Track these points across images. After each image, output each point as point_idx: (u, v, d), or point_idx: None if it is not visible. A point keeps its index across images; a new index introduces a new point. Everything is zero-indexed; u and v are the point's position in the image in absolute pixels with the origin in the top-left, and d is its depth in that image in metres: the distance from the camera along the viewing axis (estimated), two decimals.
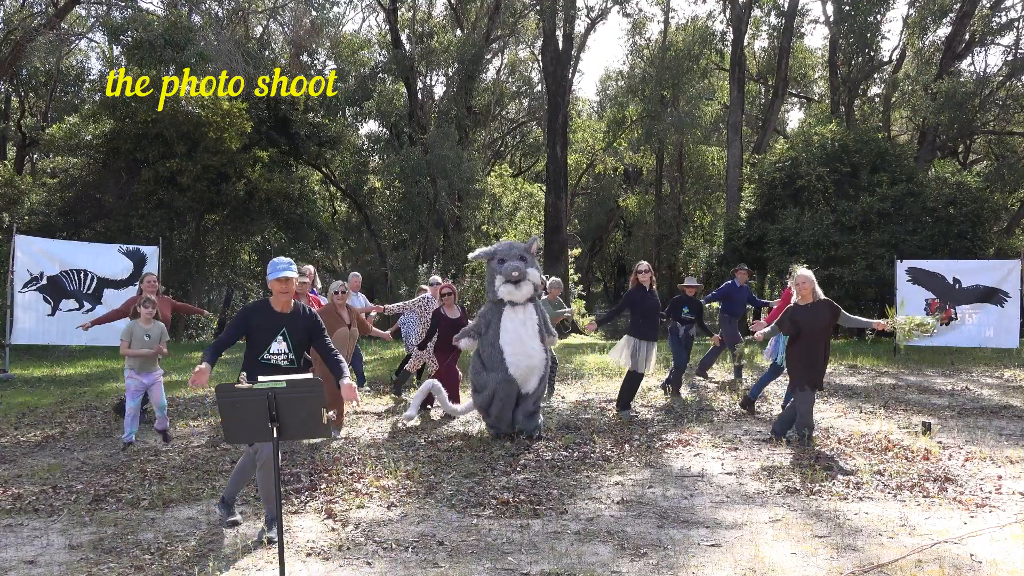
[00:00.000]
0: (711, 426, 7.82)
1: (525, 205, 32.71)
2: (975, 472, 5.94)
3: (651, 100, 28.64)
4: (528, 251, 7.39)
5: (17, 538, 4.67)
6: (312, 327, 4.79)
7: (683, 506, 5.18)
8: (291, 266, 4.72)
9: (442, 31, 30.47)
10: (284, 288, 4.66)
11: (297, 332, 4.72)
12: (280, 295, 4.68)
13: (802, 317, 6.78)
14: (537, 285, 7.29)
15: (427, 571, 4.07)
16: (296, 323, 4.72)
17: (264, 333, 4.68)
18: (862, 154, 19.42)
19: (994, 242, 19.84)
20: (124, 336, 7.24)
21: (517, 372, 7.14)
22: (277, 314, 4.71)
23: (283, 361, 4.69)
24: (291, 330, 4.70)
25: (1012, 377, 11.11)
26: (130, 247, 13.14)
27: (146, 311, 7.29)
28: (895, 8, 77.82)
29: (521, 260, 7.22)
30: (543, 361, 7.28)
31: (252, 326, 4.71)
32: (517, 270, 7.08)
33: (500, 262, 7.26)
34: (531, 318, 7.25)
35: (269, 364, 4.67)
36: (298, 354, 4.74)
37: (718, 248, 23.87)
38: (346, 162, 27.80)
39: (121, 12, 19.17)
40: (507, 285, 7.13)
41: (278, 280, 4.64)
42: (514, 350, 7.15)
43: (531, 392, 7.27)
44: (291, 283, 4.67)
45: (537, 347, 7.23)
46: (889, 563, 4.09)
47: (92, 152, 20.36)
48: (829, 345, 6.94)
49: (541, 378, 7.32)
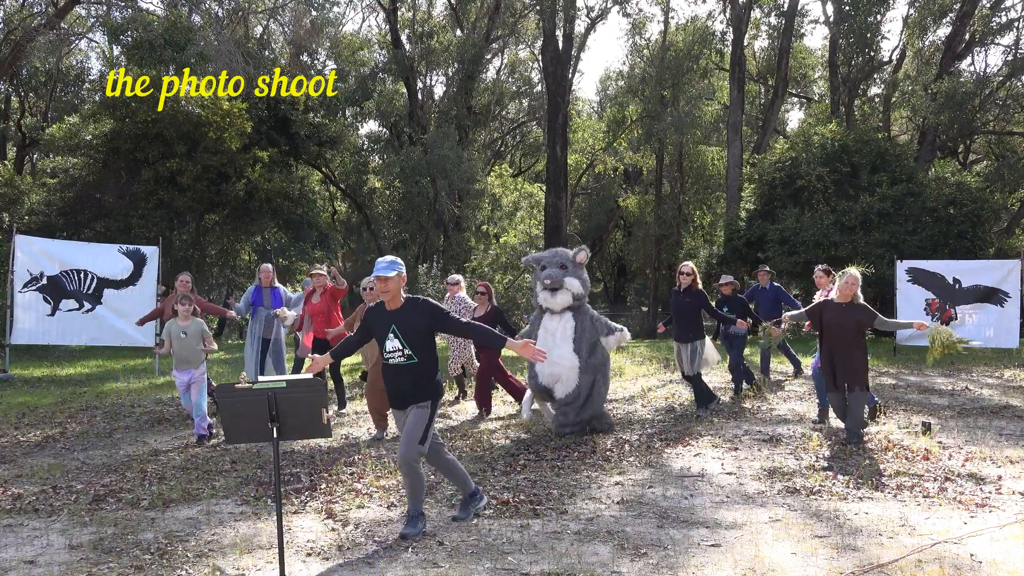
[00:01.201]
0: (711, 426, 7.82)
1: (525, 205, 32.72)
2: (975, 472, 5.94)
3: (651, 100, 28.63)
4: (572, 260, 7.40)
5: (17, 538, 4.67)
6: (431, 316, 4.69)
7: (683, 506, 5.18)
8: (392, 265, 4.64)
9: (442, 31, 30.47)
10: (384, 287, 4.64)
11: (408, 326, 4.65)
12: (383, 294, 4.68)
13: (828, 313, 6.80)
14: (576, 294, 7.30)
15: (427, 571, 4.07)
16: (406, 318, 4.67)
17: (380, 333, 4.71)
18: (862, 154, 19.42)
19: (994, 242, 19.84)
20: (164, 335, 7.49)
21: (543, 378, 7.33)
22: (387, 312, 4.72)
23: (399, 358, 4.65)
24: (401, 326, 4.65)
25: (1012, 377, 11.11)
26: (130, 247, 13.14)
27: (183, 308, 7.44)
28: (895, 8, 77.80)
29: (561, 268, 7.27)
30: (572, 369, 7.24)
31: (372, 327, 4.79)
32: (550, 278, 7.19)
33: (541, 269, 7.36)
34: (564, 326, 7.29)
35: (389, 364, 4.70)
36: (416, 349, 4.65)
37: (718, 248, 23.86)
38: (346, 162, 27.80)
39: (121, 12, 19.17)
40: (544, 292, 7.27)
41: (377, 279, 4.65)
42: None
43: (561, 399, 7.32)
44: (389, 282, 4.61)
45: (565, 355, 7.23)
46: (889, 563, 4.09)
47: (92, 152, 20.36)
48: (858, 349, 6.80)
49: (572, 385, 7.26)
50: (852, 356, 6.77)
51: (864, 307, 6.80)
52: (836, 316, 6.75)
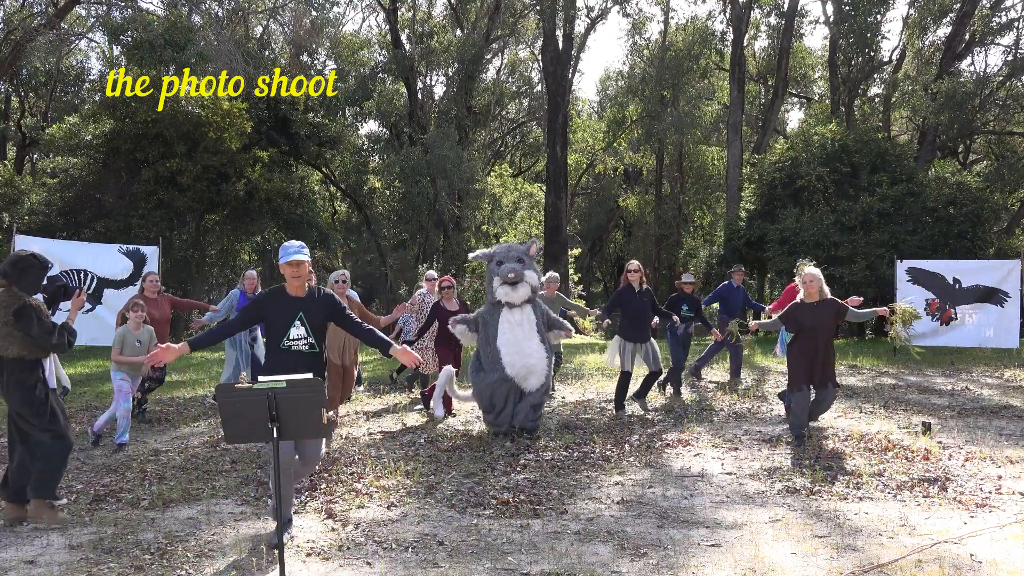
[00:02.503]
0: (711, 426, 7.82)
1: (525, 205, 32.72)
2: (975, 472, 5.94)
3: (651, 100, 28.64)
4: (527, 253, 7.43)
5: (17, 538, 4.67)
6: (331, 308, 4.73)
7: (683, 506, 5.18)
8: (302, 249, 4.64)
9: (442, 31, 30.46)
10: (296, 272, 4.58)
11: (315, 315, 4.64)
12: (292, 279, 4.61)
13: (805, 315, 6.80)
14: (535, 287, 7.34)
15: (427, 571, 4.07)
16: (313, 306, 4.66)
17: (281, 319, 4.62)
18: (862, 154, 19.42)
19: (994, 242, 19.84)
20: (116, 342, 7.23)
21: (514, 372, 7.22)
22: (292, 299, 4.65)
23: (304, 346, 4.61)
24: (308, 314, 4.62)
25: (1012, 377, 11.11)
26: (130, 247, 13.13)
27: (135, 315, 7.28)
28: (895, 8, 77.76)
29: (519, 262, 7.27)
30: (543, 360, 7.30)
31: (268, 314, 4.66)
32: (513, 272, 7.14)
33: (498, 264, 7.32)
34: (528, 318, 7.29)
35: (290, 351, 4.61)
36: (318, 338, 4.67)
37: (718, 248, 23.87)
38: (346, 162, 27.80)
39: (121, 12, 19.17)
40: (504, 287, 7.20)
41: (289, 264, 4.58)
42: (510, 350, 7.23)
43: (534, 390, 7.31)
44: (303, 267, 4.60)
45: (535, 347, 7.26)
46: (889, 563, 4.09)
47: (92, 152, 20.35)
48: (832, 345, 6.95)
49: (544, 376, 7.34)
50: (830, 352, 6.89)
51: (833, 301, 6.86)
52: (813, 317, 6.77)
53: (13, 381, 4.89)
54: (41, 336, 4.87)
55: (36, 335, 4.86)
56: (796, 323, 6.85)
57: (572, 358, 13.70)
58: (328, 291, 4.83)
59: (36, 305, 4.96)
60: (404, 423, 8.10)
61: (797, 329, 6.87)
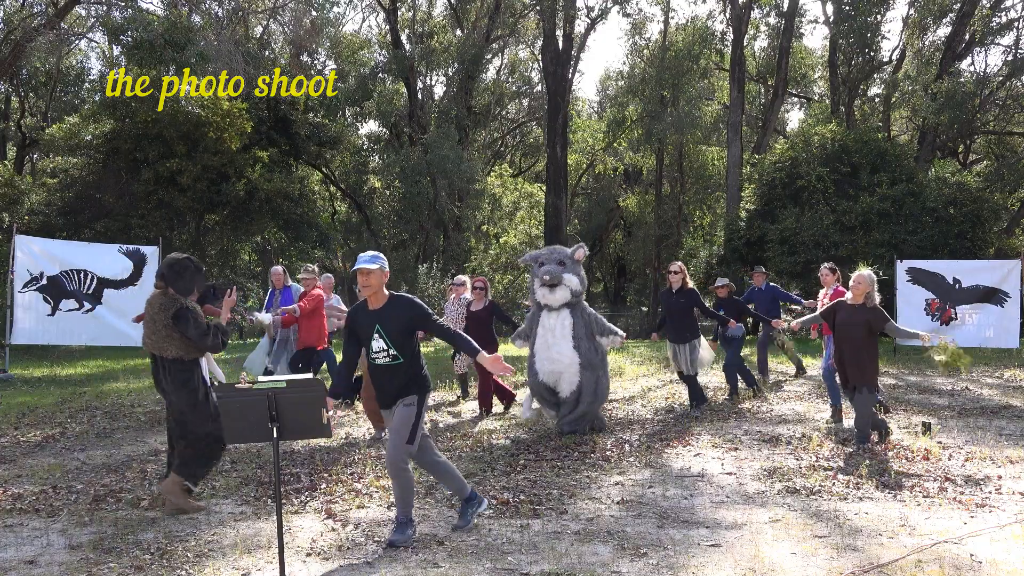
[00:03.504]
0: (711, 426, 7.82)
1: (525, 205, 32.73)
2: (975, 472, 5.94)
3: (651, 100, 28.64)
4: (571, 257, 7.40)
5: (17, 538, 4.67)
6: (414, 315, 4.47)
7: (683, 506, 5.18)
8: (374, 259, 4.45)
9: (442, 31, 30.48)
10: (364, 282, 4.43)
11: (392, 325, 4.44)
12: (363, 288, 4.48)
13: (840, 314, 6.81)
14: (576, 291, 7.30)
15: (427, 571, 4.07)
16: (389, 316, 4.46)
17: (365, 333, 4.52)
18: (862, 154, 19.42)
19: (994, 242, 19.83)
20: None
21: (544, 375, 7.31)
22: (370, 311, 4.52)
23: (384, 359, 4.46)
24: (384, 325, 4.47)
25: (1012, 377, 11.11)
26: (130, 247, 13.14)
27: None
28: (895, 8, 77.87)
29: (560, 265, 7.27)
30: (573, 365, 7.23)
31: (356, 328, 4.57)
32: (550, 274, 7.16)
33: (540, 265, 7.34)
34: (563, 323, 7.28)
35: (376, 364, 4.50)
36: (401, 348, 4.45)
37: (718, 248, 23.86)
38: (346, 162, 27.80)
39: (121, 12, 19.15)
40: (542, 288, 7.25)
41: (358, 271, 4.43)
42: (541, 354, 7.32)
43: (566, 397, 7.31)
44: (370, 276, 4.39)
45: (565, 351, 7.23)
46: (889, 563, 4.09)
47: (92, 152, 20.35)
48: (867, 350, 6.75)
49: (575, 382, 7.25)
50: (860, 356, 6.77)
51: (876, 309, 6.75)
52: (847, 316, 6.76)
53: (173, 380, 5.08)
54: (198, 337, 5.03)
55: (193, 336, 5.01)
56: (831, 318, 6.89)
57: None
58: (409, 298, 4.57)
59: (193, 307, 5.12)
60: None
61: (832, 325, 6.91)
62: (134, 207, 19.27)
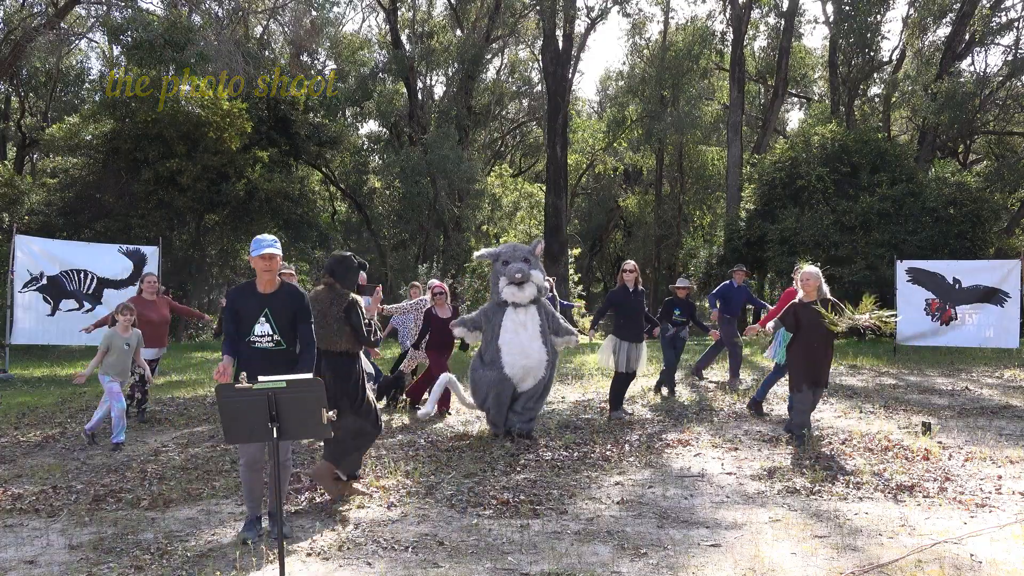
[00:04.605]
0: (711, 426, 7.82)
1: (525, 205, 32.71)
2: (975, 472, 5.94)
3: (651, 100, 28.66)
4: (532, 253, 7.41)
5: (17, 538, 4.67)
6: (298, 308, 4.63)
7: (683, 506, 5.18)
8: (275, 243, 4.58)
9: (442, 31, 30.47)
10: (267, 266, 4.53)
11: (281, 312, 4.58)
12: (263, 273, 4.57)
13: (804, 314, 6.79)
14: (541, 287, 7.31)
15: (427, 571, 4.07)
16: (280, 303, 4.60)
17: (249, 315, 4.58)
18: (862, 154, 19.42)
19: (994, 242, 19.84)
20: (103, 344, 7.19)
21: (513, 371, 7.21)
22: (260, 295, 4.60)
23: (268, 343, 4.56)
24: (274, 310, 4.57)
25: (1012, 377, 11.11)
26: (130, 247, 13.14)
27: (124, 319, 7.24)
28: (895, 8, 77.91)
29: (525, 262, 7.26)
30: (542, 362, 7.28)
31: (239, 309, 4.62)
32: (520, 272, 7.12)
33: (504, 264, 7.29)
34: (532, 319, 7.27)
35: (256, 347, 4.57)
36: (285, 336, 4.60)
37: (718, 248, 23.88)
38: (346, 162, 27.79)
39: (121, 12, 19.13)
40: (510, 287, 7.19)
41: (260, 257, 4.52)
42: (511, 350, 7.22)
43: (526, 390, 7.29)
44: (274, 260, 4.54)
45: (536, 348, 7.25)
46: (889, 563, 4.09)
47: (92, 152, 20.36)
48: (832, 345, 6.93)
49: (539, 378, 7.31)
50: (829, 352, 6.87)
51: (831, 302, 6.82)
52: (811, 315, 6.74)
53: (338, 373, 5.15)
54: (361, 331, 5.15)
55: (360, 330, 5.15)
56: (794, 322, 6.84)
57: (572, 358, 13.70)
58: (301, 291, 4.72)
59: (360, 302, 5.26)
60: (404, 423, 8.10)
61: (796, 328, 6.86)
62: (134, 207, 19.27)
